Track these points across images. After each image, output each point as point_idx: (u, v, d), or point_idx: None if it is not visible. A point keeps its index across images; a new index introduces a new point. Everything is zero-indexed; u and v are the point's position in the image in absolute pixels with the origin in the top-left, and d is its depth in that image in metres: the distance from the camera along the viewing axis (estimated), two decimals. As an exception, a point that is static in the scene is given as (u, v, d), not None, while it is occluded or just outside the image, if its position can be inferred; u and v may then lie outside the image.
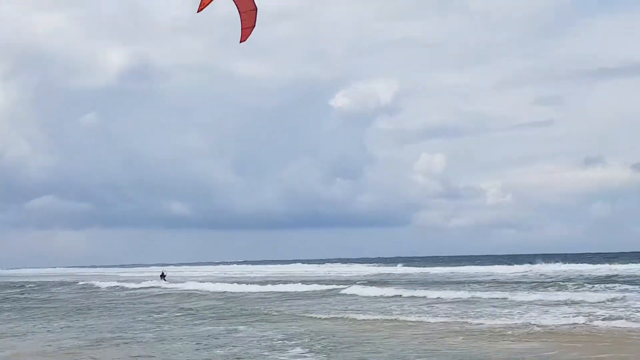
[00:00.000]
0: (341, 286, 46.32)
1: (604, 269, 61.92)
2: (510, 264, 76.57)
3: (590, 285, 39.69)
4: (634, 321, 22.11)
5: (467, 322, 22.98)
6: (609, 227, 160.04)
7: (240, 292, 44.24)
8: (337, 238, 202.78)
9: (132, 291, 50.68)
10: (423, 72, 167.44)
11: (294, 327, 23.38)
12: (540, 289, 38.77)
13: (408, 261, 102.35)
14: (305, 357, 17.07)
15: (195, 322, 25.96)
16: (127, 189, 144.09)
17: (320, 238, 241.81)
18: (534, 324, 21.97)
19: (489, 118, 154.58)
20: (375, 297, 34.88)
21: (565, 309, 27.29)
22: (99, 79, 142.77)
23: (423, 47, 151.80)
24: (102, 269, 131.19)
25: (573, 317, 23.56)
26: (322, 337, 20.40)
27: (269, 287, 47.58)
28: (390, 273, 75.01)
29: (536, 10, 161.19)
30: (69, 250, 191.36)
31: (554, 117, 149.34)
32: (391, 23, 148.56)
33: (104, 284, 59.77)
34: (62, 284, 67.71)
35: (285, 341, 19.81)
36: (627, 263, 69.83)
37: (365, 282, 53.85)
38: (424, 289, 40.50)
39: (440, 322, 23.42)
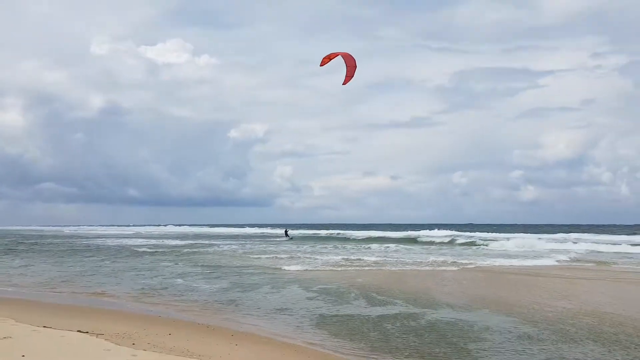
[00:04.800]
0: (227, 241, 48.44)
1: (375, 234, 63.14)
2: (327, 230, 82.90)
3: (365, 245, 41.49)
4: (393, 265, 24.82)
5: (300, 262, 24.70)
6: (378, 211, 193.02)
7: (168, 245, 44.37)
8: (230, 212, 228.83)
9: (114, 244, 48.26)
10: (282, 120, 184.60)
11: (199, 263, 24.63)
12: (347, 245, 42.71)
13: (270, 226, 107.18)
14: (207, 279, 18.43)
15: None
16: (101, 180, 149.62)
17: (221, 212, 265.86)
18: (341, 263, 24.27)
19: (318, 147, 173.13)
20: (249, 251, 36.94)
21: (347, 255, 30.18)
22: (86, 113, 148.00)
23: (283, 105, 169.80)
24: (84, 227, 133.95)
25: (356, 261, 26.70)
26: (214, 269, 21.81)
27: (187, 241, 48.59)
28: (257, 233, 76.60)
29: (349, 88, 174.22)
30: (63, 216, 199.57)
31: (352, 149, 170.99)
32: (265, 91, 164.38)
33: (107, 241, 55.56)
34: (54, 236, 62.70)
35: (193, 271, 21.00)
36: (385, 231, 74.60)
37: (242, 238, 56.49)
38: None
39: (292, 268, 25.18)
